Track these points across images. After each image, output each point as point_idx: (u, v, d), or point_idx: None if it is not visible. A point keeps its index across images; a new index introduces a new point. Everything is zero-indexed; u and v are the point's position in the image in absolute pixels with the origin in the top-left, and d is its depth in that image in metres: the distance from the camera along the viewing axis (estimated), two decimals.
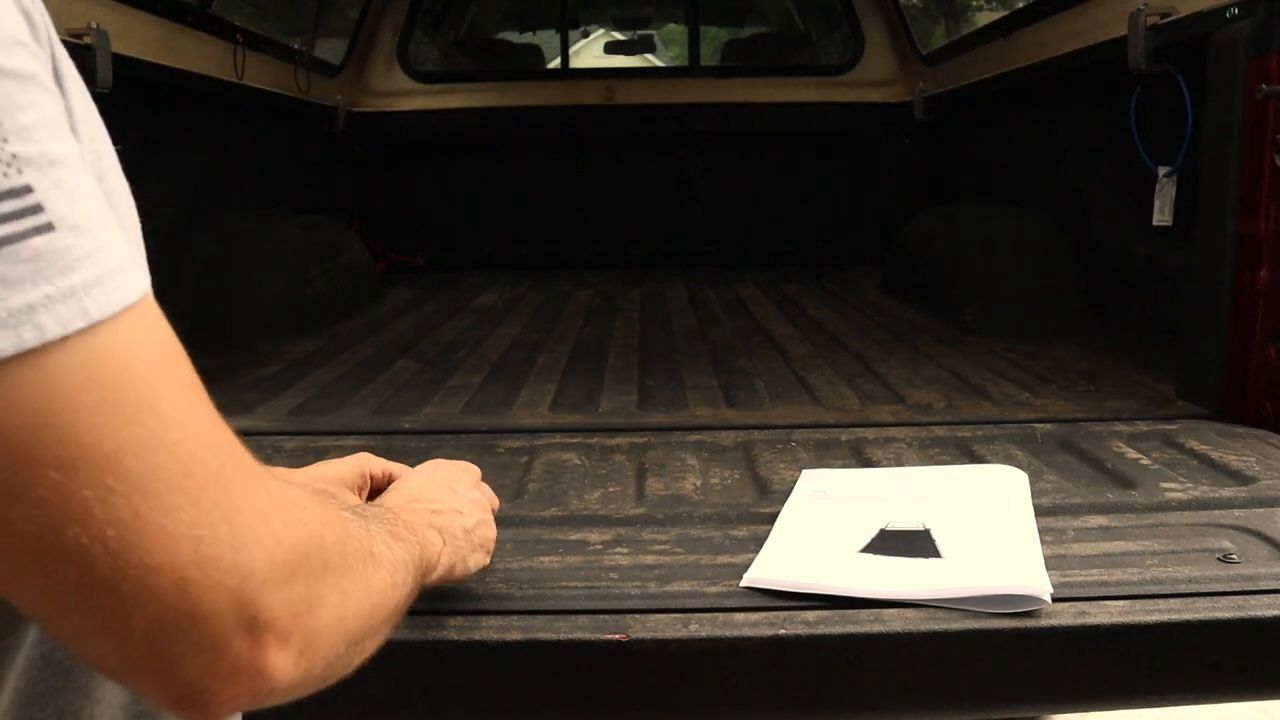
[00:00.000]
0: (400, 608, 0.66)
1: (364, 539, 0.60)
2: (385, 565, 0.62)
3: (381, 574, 0.61)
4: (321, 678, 0.54)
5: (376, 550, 0.61)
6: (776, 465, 1.48)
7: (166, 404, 0.45)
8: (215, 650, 0.45)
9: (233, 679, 0.46)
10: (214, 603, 0.45)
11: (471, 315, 3.12)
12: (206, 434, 0.47)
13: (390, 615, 0.63)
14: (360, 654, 0.59)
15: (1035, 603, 1.00)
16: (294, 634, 0.48)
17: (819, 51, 4.83)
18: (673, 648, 0.98)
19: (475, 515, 0.97)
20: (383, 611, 0.61)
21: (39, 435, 0.41)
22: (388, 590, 0.62)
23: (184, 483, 0.44)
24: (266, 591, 0.47)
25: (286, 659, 0.48)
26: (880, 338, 2.61)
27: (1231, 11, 1.71)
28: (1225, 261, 1.67)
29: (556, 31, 5.02)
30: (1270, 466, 1.40)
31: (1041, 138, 2.91)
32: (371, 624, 0.59)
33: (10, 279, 0.40)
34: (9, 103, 0.41)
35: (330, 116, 3.86)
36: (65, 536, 0.42)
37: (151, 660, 0.45)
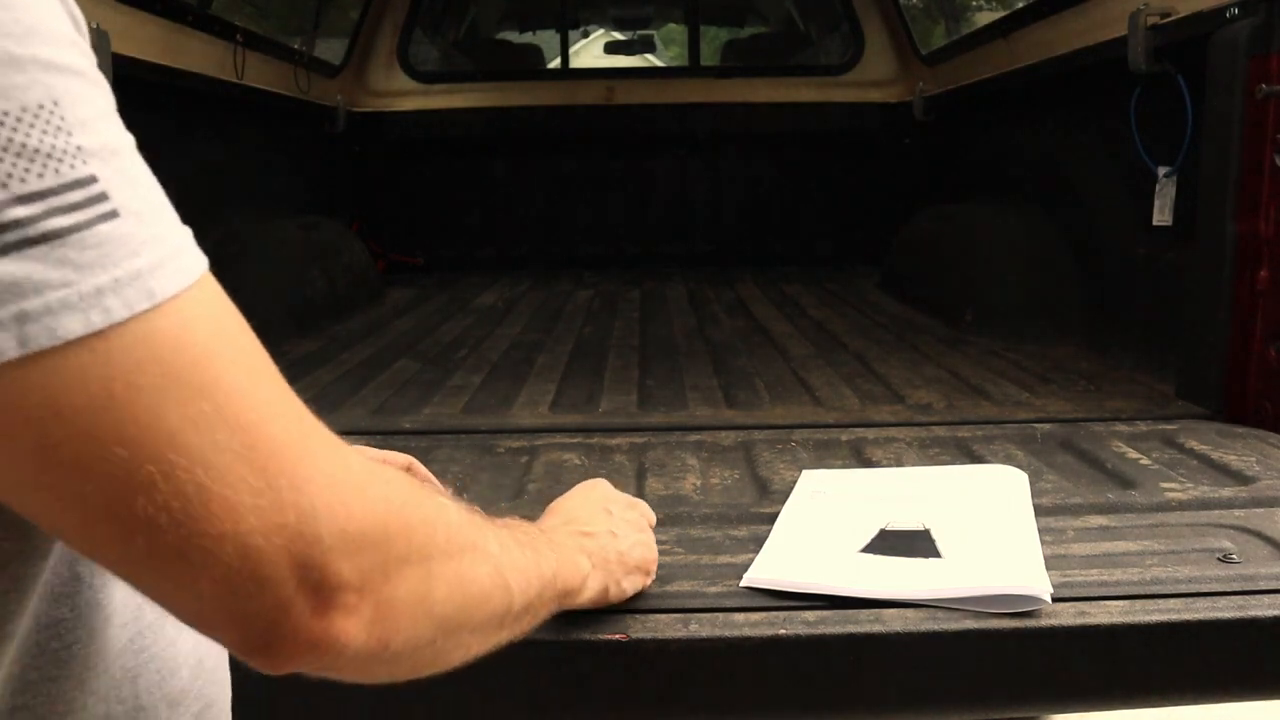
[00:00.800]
0: (515, 613, 0.66)
1: (469, 531, 0.61)
2: (493, 562, 0.63)
3: (486, 568, 0.62)
4: (408, 659, 0.56)
5: (488, 547, 0.62)
6: (776, 465, 1.48)
7: (227, 378, 0.46)
8: (280, 610, 0.47)
9: (297, 640, 0.48)
10: (277, 568, 0.46)
11: (471, 315, 3.12)
12: (272, 406, 0.48)
13: (496, 615, 0.64)
14: (459, 647, 0.61)
15: (1035, 603, 1.00)
16: (364, 602, 0.50)
17: (819, 51, 4.83)
18: (673, 648, 0.98)
19: (631, 537, 0.98)
20: (484, 606, 0.62)
21: (102, 415, 0.43)
22: (490, 587, 0.62)
23: (247, 455, 0.46)
24: (334, 558, 0.48)
25: (356, 625, 0.49)
26: (880, 338, 2.61)
27: (1231, 11, 1.71)
28: (1225, 261, 1.67)
29: (556, 31, 5.02)
30: (1270, 466, 1.40)
31: (1041, 138, 2.91)
32: (466, 614, 0.59)
33: (80, 264, 0.42)
34: (70, 98, 0.43)
35: (330, 116, 3.86)
36: (134, 508, 0.44)
37: (222, 615, 0.47)
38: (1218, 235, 1.69)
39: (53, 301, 0.41)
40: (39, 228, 0.41)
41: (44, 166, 0.42)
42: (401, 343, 2.64)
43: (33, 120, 0.41)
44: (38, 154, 0.41)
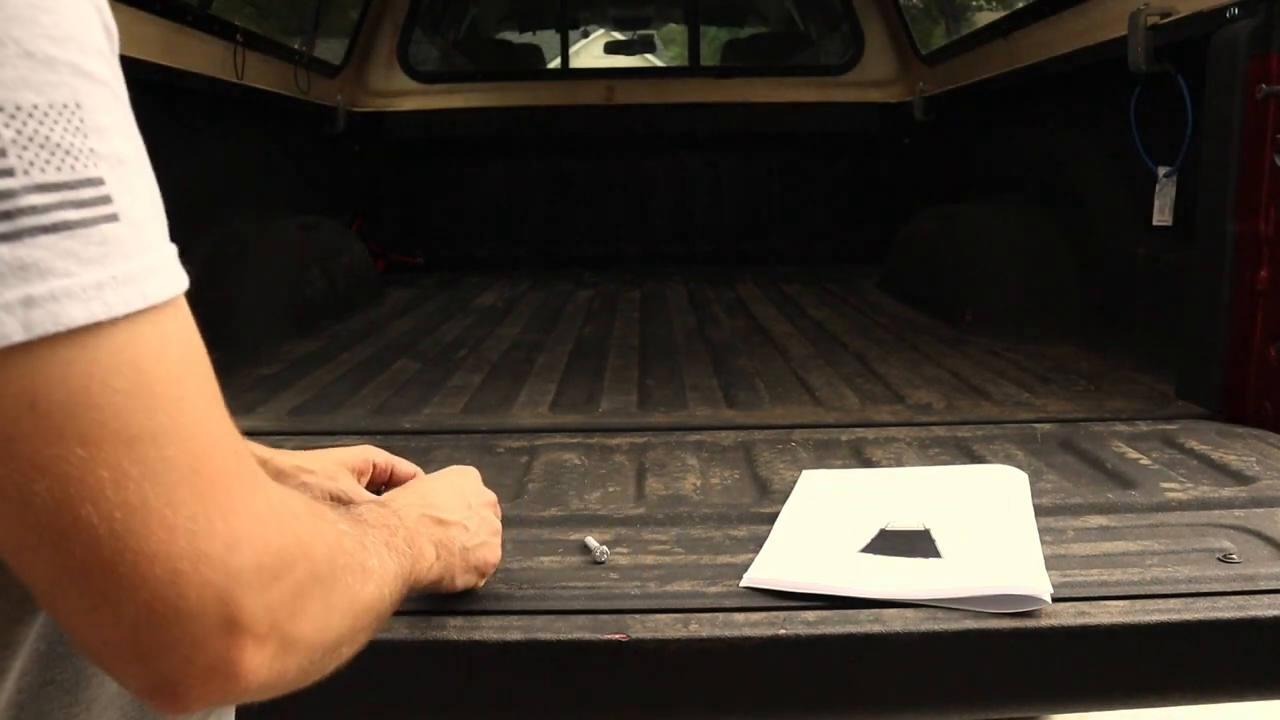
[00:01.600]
0: (385, 615, 0.68)
1: (357, 553, 0.62)
2: (375, 579, 0.63)
3: (370, 587, 0.62)
4: (294, 682, 0.55)
5: (369, 564, 0.63)
6: (776, 465, 1.48)
7: (189, 400, 0.48)
8: (194, 645, 0.47)
9: (207, 676, 0.48)
10: (200, 598, 0.46)
11: (471, 315, 3.12)
12: (219, 434, 0.49)
13: (371, 624, 0.65)
14: (336, 660, 0.60)
15: (1035, 603, 1.00)
16: (271, 638, 0.50)
17: (819, 51, 4.84)
18: (673, 648, 0.98)
19: (481, 537, 0.98)
20: (364, 621, 0.62)
21: (74, 412, 0.44)
22: (373, 603, 0.63)
23: (191, 477, 0.46)
24: (250, 593, 0.48)
25: (260, 661, 0.49)
26: (880, 338, 2.61)
27: (1231, 11, 1.71)
28: (1225, 261, 1.67)
29: (556, 31, 5.02)
30: (1270, 466, 1.40)
31: (1041, 138, 2.91)
32: (352, 633, 0.60)
33: (83, 258, 0.44)
34: (91, 104, 0.45)
35: (330, 116, 3.86)
36: (79, 514, 0.44)
37: (134, 648, 0.46)
38: (1218, 235, 1.69)
39: (57, 289, 0.43)
40: (52, 217, 0.43)
41: (62, 160, 0.44)
42: (401, 343, 2.64)
43: (57, 117, 0.44)
44: (58, 148, 0.44)
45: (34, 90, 0.43)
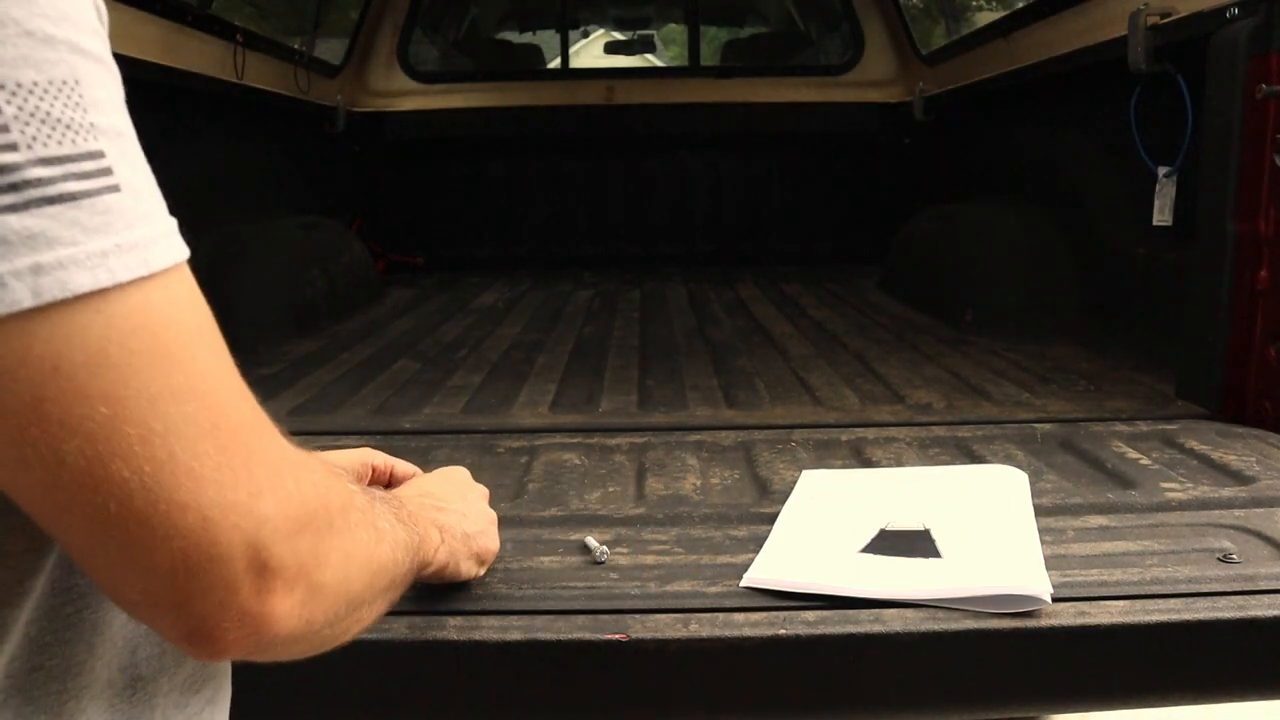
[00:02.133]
0: (399, 584, 0.70)
1: (369, 511, 0.64)
2: (388, 540, 0.66)
3: (384, 546, 0.64)
4: (322, 636, 0.58)
5: (380, 525, 0.65)
6: (776, 465, 1.48)
7: (202, 359, 0.50)
8: (228, 589, 0.49)
9: (241, 620, 0.50)
10: (230, 543, 0.49)
11: (471, 315, 3.12)
12: (234, 392, 0.52)
13: (389, 587, 0.67)
14: (358, 621, 0.63)
15: (1035, 603, 1.00)
16: (299, 583, 0.52)
17: (819, 51, 4.84)
18: (673, 648, 0.98)
19: (479, 524, 1.00)
20: (382, 580, 0.64)
21: (96, 373, 0.46)
22: (388, 563, 0.65)
23: (212, 431, 0.49)
24: (277, 539, 0.50)
25: (290, 607, 0.52)
26: (880, 338, 2.61)
27: (1231, 11, 1.71)
28: (1225, 261, 1.67)
29: (556, 31, 5.02)
30: (1270, 466, 1.40)
31: (1041, 138, 2.91)
32: (371, 591, 0.62)
33: (88, 227, 0.46)
34: (89, 80, 0.47)
35: (330, 116, 3.86)
36: (110, 469, 0.46)
37: (170, 594, 0.49)
38: (1218, 235, 1.69)
39: (64, 257, 0.45)
40: (56, 189, 0.45)
41: (63, 135, 0.45)
42: (401, 343, 2.64)
43: (57, 93, 0.45)
44: (59, 123, 0.45)
45: (34, 68, 0.45)
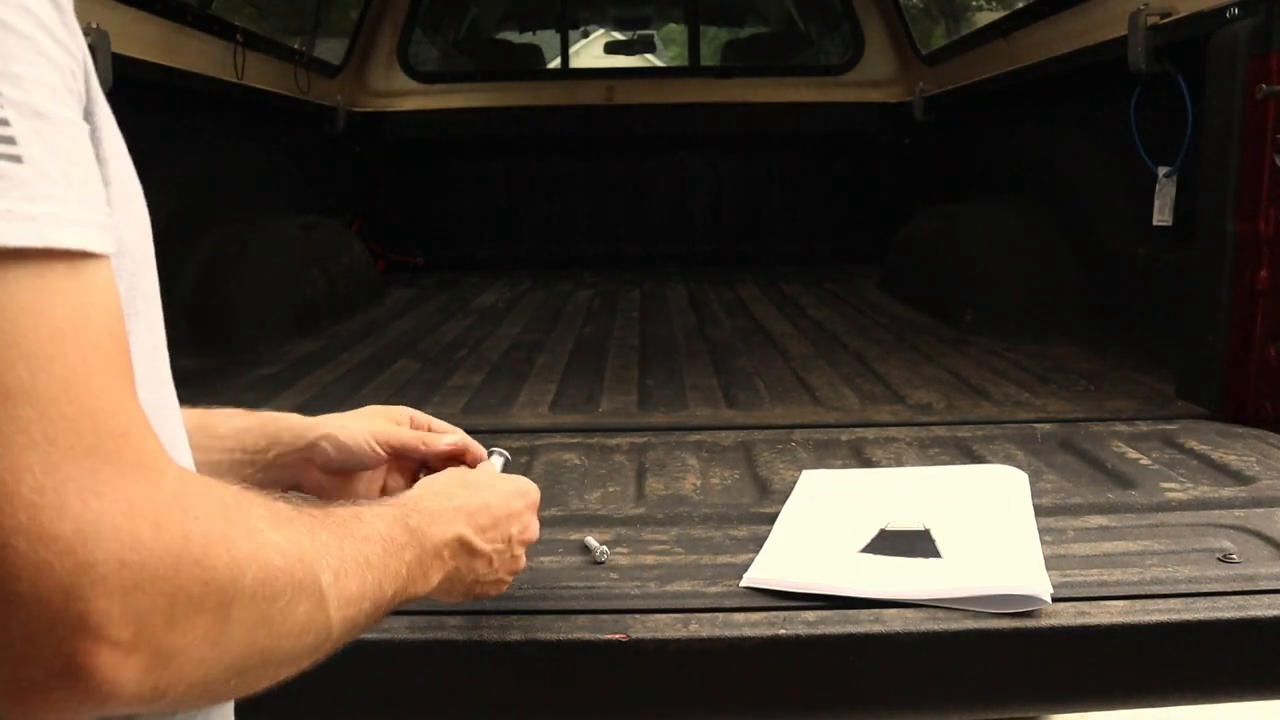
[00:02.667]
0: (334, 640, 0.60)
1: (295, 569, 0.54)
2: (316, 598, 0.56)
3: (304, 606, 0.55)
4: (198, 699, 0.51)
5: (317, 582, 0.56)
6: (776, 465, 1.48)
7: (63, 362, 0.43)
8: (32, 641, 0.41)
9: (55, 679, 0.42)
10: (36, 584, 0.41)
11: (471, 315, 3.12)
12: (99, 408, 0.44)
13: (309, 649, 0.57)
14: (263, 679, 0.55)
15: (1035, 603, 1.00)
16: (140, 649, 0.44)
17: (819, 51, 4.84)
18: (673, 648, 0.98)
19: (498, 575, 0.88)
20: (295, 642, 0.55)
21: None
22: (305, 624, 0.55)
23: (43, 445, 0.41)
24: (105, 591, 0.42)
25: (127, 673, 0.44)
26: (880, 338, 2.61)
27: (1231, 11, 1.71)
28: (1225, 261, 1.67)
29: (556, 31, 5.02)
30: (1270, 466, 1.40)
31: (1041, 138, 2.91)
32: (271, 653, 0.54)
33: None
34: (8, 52, 0.44)
35: (330, 116, 3.86)
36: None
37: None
38: (1218, 235, 1.69)
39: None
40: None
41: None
42: (401, 343, 2.64)
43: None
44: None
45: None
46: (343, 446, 0.97)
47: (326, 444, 0.96)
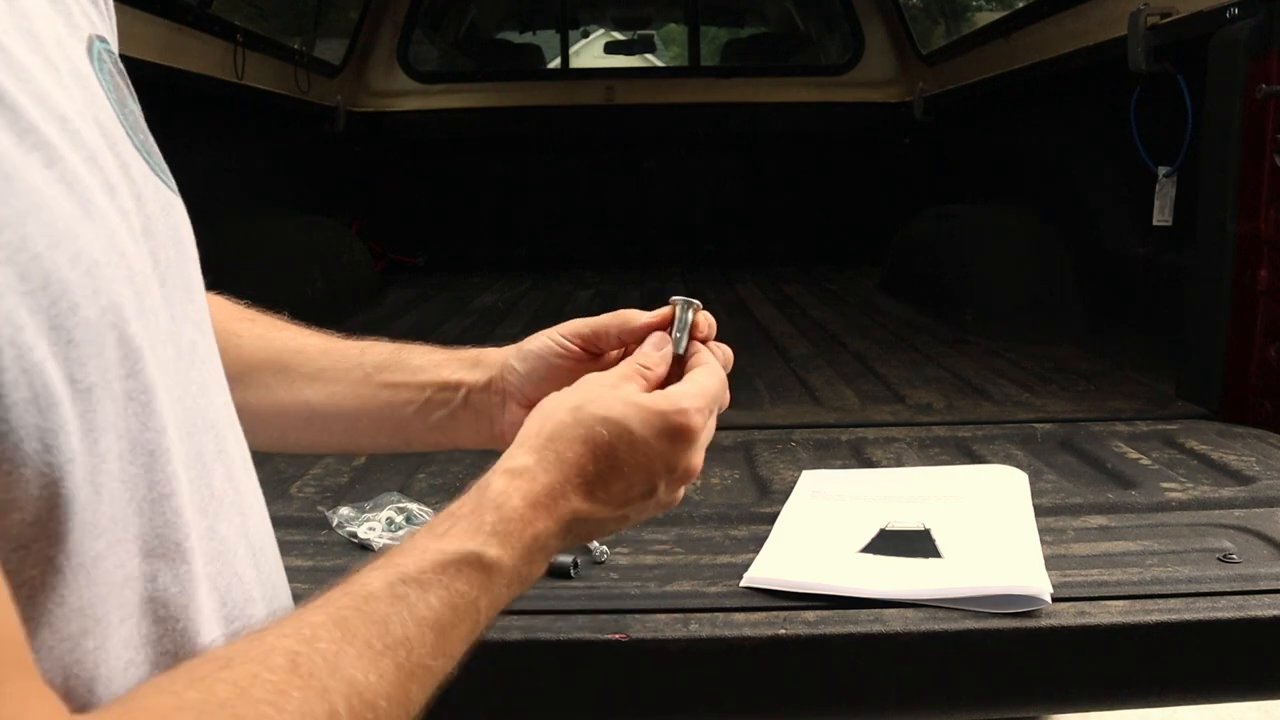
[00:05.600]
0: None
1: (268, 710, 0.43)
2: (355, 697, 0.46)
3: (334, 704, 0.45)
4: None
5: (351, 681, 0.46)
6: (776, 465, 1.48)
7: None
8: None
9: None
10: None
11: (471, 315, 3.12)
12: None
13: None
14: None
15: (1035, 603, 1.00)
16: None
17: (819, 51, 4.84)
18: (673, 648, 0.98)
19: (637, 519, 0.70)
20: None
21: None
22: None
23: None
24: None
25: None
26: (880, 338, 2.61)
27: (1231, 11, 1.71)
28: (1225, 261, 1.67)
29: (556, 31, 5.02)
30: (1270, 466, 1.40)
31: (1041, 137, 2.91)
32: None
33: None
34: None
35: (330, 116, 3.86)
36: None
37: None
38: (1218, 235, 1.69)
39: None
40: None
41: None
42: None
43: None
44: None
45: None
46: (529, 355, 0.81)
47: (515, 362, 0.81)
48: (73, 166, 0.44)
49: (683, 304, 0.83)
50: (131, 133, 0.53)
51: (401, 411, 0.80)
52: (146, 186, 0.52)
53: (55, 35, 0.51)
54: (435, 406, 0.80)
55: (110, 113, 0.52)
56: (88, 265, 0.43)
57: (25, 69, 0.45)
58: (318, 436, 0.86)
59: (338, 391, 0.83)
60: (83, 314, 0.42)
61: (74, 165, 0.45)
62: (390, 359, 0.83)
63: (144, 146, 0.54)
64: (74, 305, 0.41)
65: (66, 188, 0.44)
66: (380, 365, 0.83)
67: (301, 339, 0.88)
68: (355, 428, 0.83)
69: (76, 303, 0.42)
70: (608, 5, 5.62)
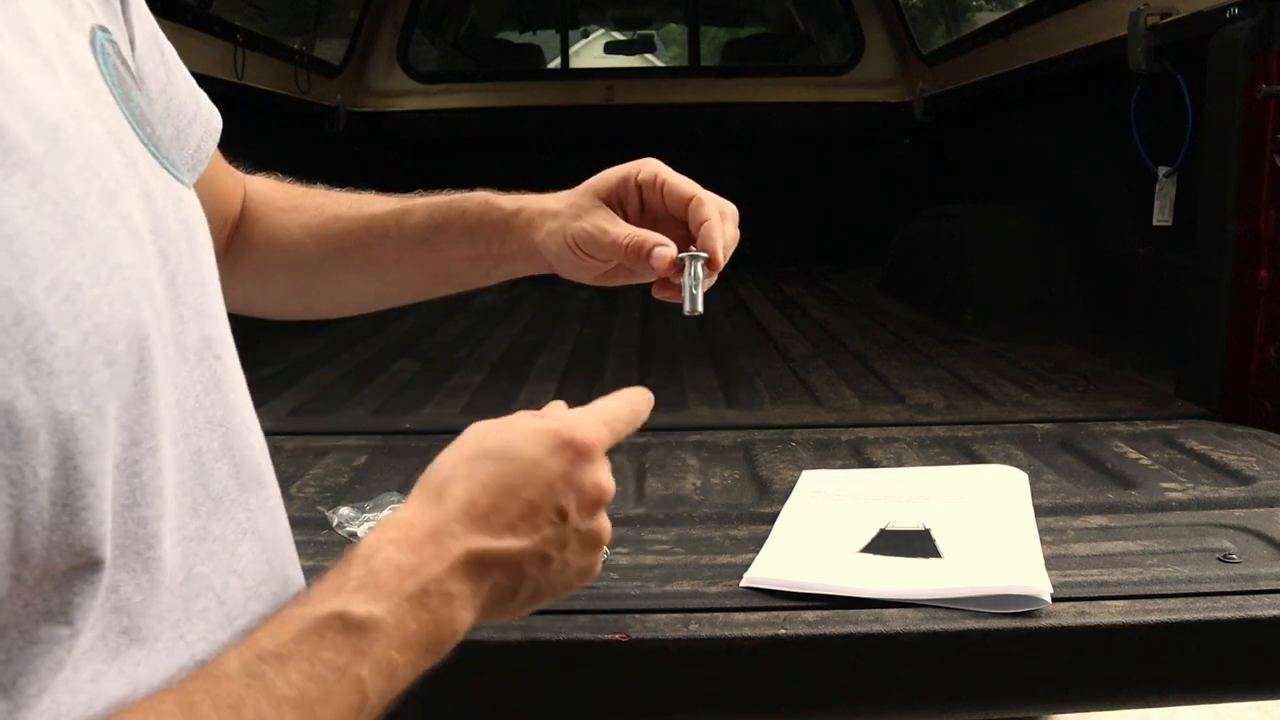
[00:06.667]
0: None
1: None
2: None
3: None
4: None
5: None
6: (776, 465, 1.48)
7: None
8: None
9: None
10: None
11: (471, 315, 3.12)
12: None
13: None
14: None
15: (1035, 603, 1.00)
16: None
17: (819, 51, 4.84)
18: (673, 648, 0.98)
19: (574, 563, 0.63)
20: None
21: None
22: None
23: None
24: None
25: None
26: (880, 338, 2.61)
27: (1231, 11, 1.71)
28: (1225, 261, 1.67)
29: (556, 31, 5.02)
30: (1270, 466, 1.40)
31: (1041, 138, 2.91)
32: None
33: None
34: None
35: (330, 116, 3.86)
36: None
37: None
38: (1218, 235, 1.69)
39: None
40: None
41: None
42: (401, 343, 2.64)
43: None
44: None
45: None
46: (549, 248, 0.86)
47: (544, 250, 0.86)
48: (61, 182, 0.43)
49: (689, 258, 0.81)
50: (138, 127, 0.52)
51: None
52: (156, 182, 0.51)
53: (55, 30, 0.50)
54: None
55: (114, 108, 0.51)
56: (67, 290, 0.42)
57: (16, 77, 0.44)
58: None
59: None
60: (62, 343, 0.41)
61: (62, 180, 0.44)
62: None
63: (151, 140, 0.53)
64: (51, 336, 0.40)
65: (51, 207, 0.42)
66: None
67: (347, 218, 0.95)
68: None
69: (55, 333, 0.41)
70: (608, 5, 5.62)
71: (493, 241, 0.90)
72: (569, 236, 0.85)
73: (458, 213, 0.91)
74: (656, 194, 0.87)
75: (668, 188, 0.87)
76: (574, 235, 0.84)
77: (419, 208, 0.92)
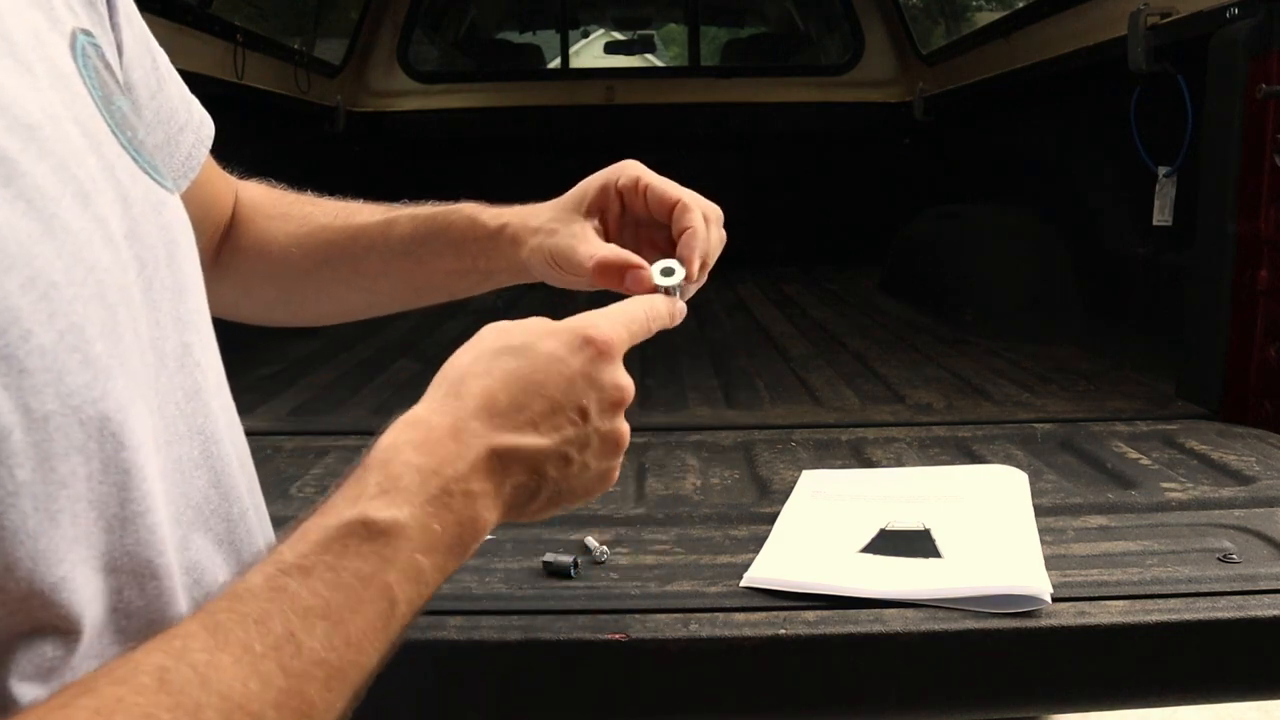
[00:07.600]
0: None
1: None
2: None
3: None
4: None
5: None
6: (776, 465, 1.48)
7: None
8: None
9: None
10: None
11: (471, 315, 3.11)
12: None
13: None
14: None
15: (1035, 603, 1.00)
16: None
17: (819, 51, 4.84)
18: (673, 648, 0.98)
19: (593, 468, 0.63)
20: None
21: None
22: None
23: None
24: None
25: None
26: (880, 338, 2.61)
27: (1231, 11, 1.71)
28: (1225, 261, 1.67)
29: (556, 31, 5.02)
30: (1270, 466, 1.40)
31: (1041, 138, 2.91)
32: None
33: None
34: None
35: (330, 116, 3.86)
36: None
37: None
38: (1218, 235, 1.69)
39: None
40: None
41: None
42: (401, 343, 2.64)
43: None
44: None
45: None
46: (534, 266, 0.85)
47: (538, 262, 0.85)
48: (36, 180, 0.43)
49: (663, 271, 0.81)
50: (118, 130, 0.52)
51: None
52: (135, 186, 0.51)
53: (33, 32, 0.49)
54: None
55: (93, 111, 0.50)
56: (44, 289, 0.41)
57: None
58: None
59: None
60: (36, 340, 0.40)
61: (38, 179, 0.43)
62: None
63: (133, 144, 0.53)
64: (26, 333, 0.40)
65: (26, 204, 0.42)
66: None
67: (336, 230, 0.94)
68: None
69: (29, 330, 0.40)
70: (608, 5, 5.62)
71: (479, 257, 0.89)
72: (548, 254, 0.84)
73: (442, 226, 0.89)
74: (639, 198, 0.85)
75: (650, 191, 0.85)
76: (551, 253, 0.84)
77: (404, 219, 0.91)
